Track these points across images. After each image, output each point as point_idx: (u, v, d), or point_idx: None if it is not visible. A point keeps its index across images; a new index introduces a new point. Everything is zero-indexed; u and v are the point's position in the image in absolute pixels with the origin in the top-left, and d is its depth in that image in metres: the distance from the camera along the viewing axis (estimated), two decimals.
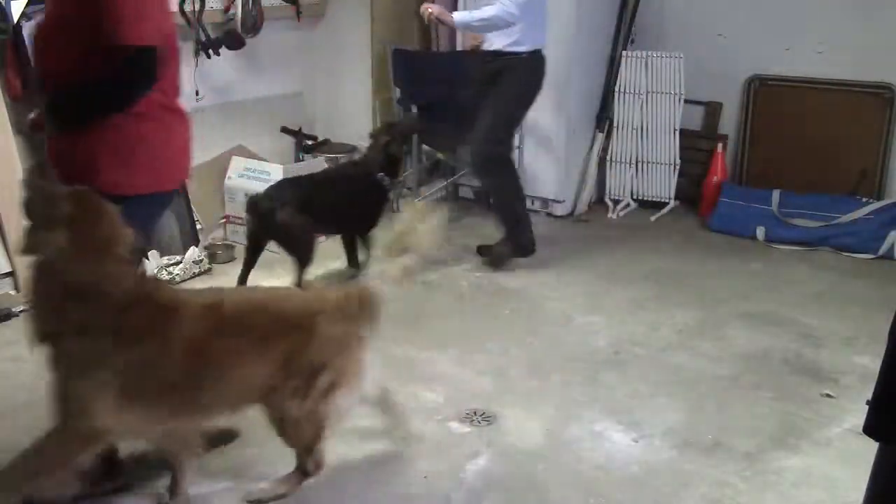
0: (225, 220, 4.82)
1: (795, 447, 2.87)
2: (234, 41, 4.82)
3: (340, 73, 5.56)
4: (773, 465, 2.76)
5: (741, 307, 4.03)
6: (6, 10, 3.88)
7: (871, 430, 1.55)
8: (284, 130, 5.23)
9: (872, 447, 1.57)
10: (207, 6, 4.65)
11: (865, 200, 4.91)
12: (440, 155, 4.92)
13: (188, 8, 4.57)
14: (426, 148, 5.48)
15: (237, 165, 4.80)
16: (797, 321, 3.88)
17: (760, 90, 5.40)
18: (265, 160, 4.90)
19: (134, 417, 2.18)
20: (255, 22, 4.85)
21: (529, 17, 4.16)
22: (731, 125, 5.58)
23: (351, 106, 5.58)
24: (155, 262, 4.21)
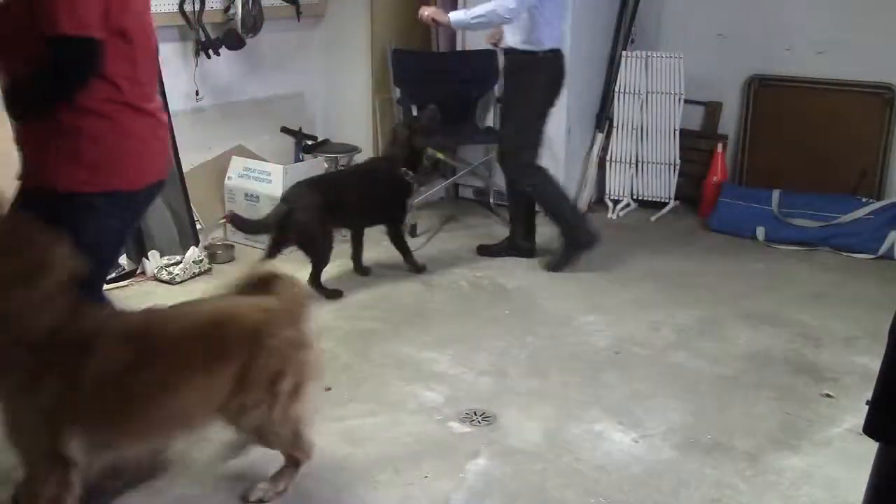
0: (225, 219, 4.81)
1: (795, 447, 2.87)
2: (234, 41, 4.81)
3: (340, 73, 5.56)
4: (773, 465, 2.76)
5: (741, 307, 4.03)
6: None
7: (871, 430, 1.55)
8: (284, 130, 5.22)
9: (872, 447, 1.57)
10: (207, 6, 4.64)
11: (865, 200, 4.91)
12: (440, 155, 4.91)
13: (188, 8, 4.56)
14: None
15: (237, 165, 4.79)
16: (797, 321, 3.88)
17: (760, 90, 5.41)
18: (265, 160, 4.90)
19: (87, 445, 2.10)
20: (255, 22, 4.84)
21: (543, 15, 4.11)
22: (731, 125, 5.58)
23: (351, 106, 5.57)
24: (155, 262, 4.21)
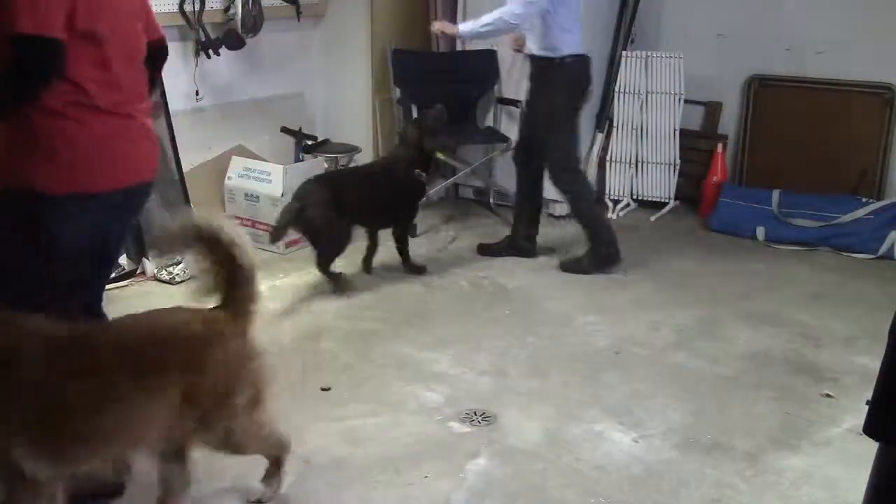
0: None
1: (795, 447, 2.87)
2: (234, 41, 4.81)
3: (340, 73, 5.56)
4: (773, 465, 2.76)
5: (741, 307, 4.03)
6: None
7: (871, 430, 1.55)
8: (284, 130, 5.22)
9: (872, 447, 1.57)
10: (207, 6, 4.64)
11: (865, 200, 4.91)
12: (440, 155, 4.91)
13: (188, 8, 4.56)
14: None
15: (237, 165, 4.79)
16: (797, 321, 3.88)
17: (760, 90, 5.41)
18: (265, 160, 4.90)
19: (42, 459, 2.03)
20: (255, 22, 4.84)
21: (557, 21, 4.09)
22: (730, 125, 5.58)
23: (351, 106, 5.57)
24: (155, 262, 4.21)
